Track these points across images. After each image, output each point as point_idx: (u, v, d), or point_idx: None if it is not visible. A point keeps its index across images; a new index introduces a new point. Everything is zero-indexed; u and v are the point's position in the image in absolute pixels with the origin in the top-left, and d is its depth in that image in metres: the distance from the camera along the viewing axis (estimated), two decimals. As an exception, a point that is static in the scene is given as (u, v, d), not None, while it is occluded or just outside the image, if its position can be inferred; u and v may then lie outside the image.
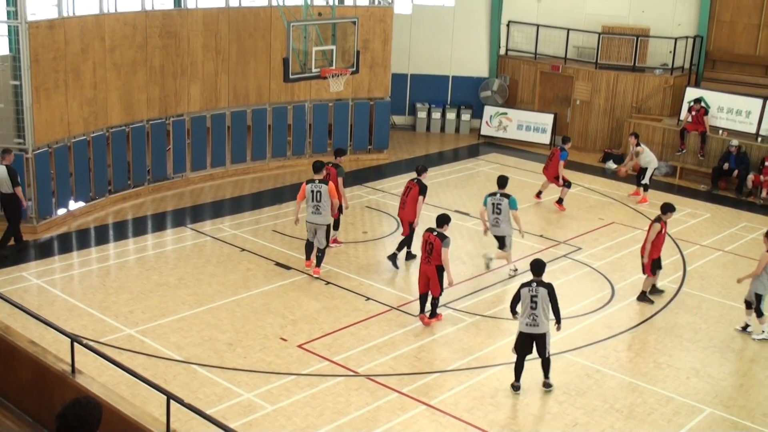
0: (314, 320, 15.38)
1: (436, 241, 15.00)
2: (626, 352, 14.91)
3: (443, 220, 15.31)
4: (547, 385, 13.49)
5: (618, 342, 15.25)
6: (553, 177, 22.20)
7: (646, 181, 22.94)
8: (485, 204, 17.89)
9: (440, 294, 15.42)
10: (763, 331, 15.43)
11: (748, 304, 15.51)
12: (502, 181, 18.01)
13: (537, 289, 13.10)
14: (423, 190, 18.02)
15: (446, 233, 15.19)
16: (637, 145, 22.98)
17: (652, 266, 16.55)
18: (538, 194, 22.80)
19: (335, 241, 18.80)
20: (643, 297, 16.76)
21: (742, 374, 14.32)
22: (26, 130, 18.61)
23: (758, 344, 15.34)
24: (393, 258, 18.02)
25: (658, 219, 16.52)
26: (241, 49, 23.52)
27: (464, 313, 15.97)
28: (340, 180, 18.47)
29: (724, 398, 13.53)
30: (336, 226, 18.79)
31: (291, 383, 13.27)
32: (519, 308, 13.29)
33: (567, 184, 22.11)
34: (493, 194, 17.85)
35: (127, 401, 9.33)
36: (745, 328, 15.66)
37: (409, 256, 18.37)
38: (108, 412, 8.54)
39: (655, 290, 17.06)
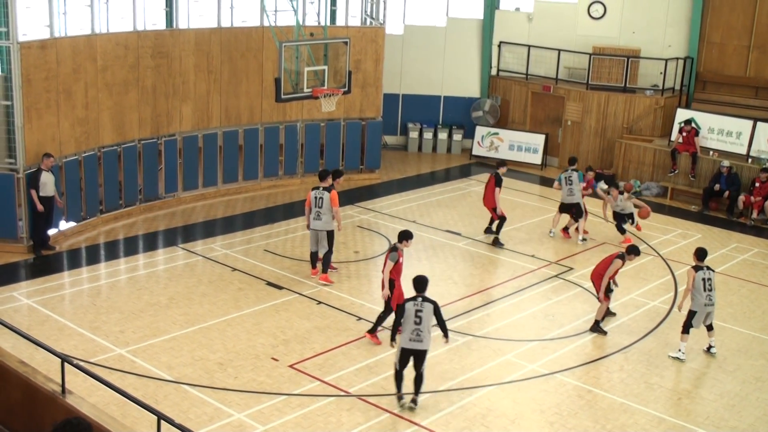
0: (306, 340, 15.34)
1: (387, 253, 15.29)
2: (618, 372, 14.89)
3: (402, 236, 15.45)
4: (414, 402, 13.22)
5: (610, 362, 15.24)
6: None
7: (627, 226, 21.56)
8: (559, 180, 21.52)
9: (386, 309, 15.27)
10: (679, 350, 15.34)
11: (709, 326, 15.47)
12: (573, 160, 22.34)
13: (423, 304, 13.00)
14: (498, 181, 20.69)
15: (404, 248, 15.39)
16: (621, 193, 21.40)
17: (606, 291, 16.43)
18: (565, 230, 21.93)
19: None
20: (596, 327, 16.35)
21: (734, 395, 14.31)
22: (17, 150, 18.58)
23: (749, 365, 15.35)
24: (496, 242, 20.87)
25: (622, 257, 16.15)
26: (233, 69, 23.57)
27: (456, 333, 15.94)
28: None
29: (715, 419, 13.52)
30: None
31: (282, 403, 13.22)
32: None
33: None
34: (564, 170, 21.66)
35: (117, 422, 9.30)
36: (709, 348, 15.62)
37: (497, 242, 20.89)
38: (98, 433, 8.51)
39: (608, 312, 16.86)
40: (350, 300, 17.24)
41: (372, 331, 15.43)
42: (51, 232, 19.45)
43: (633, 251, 16.37)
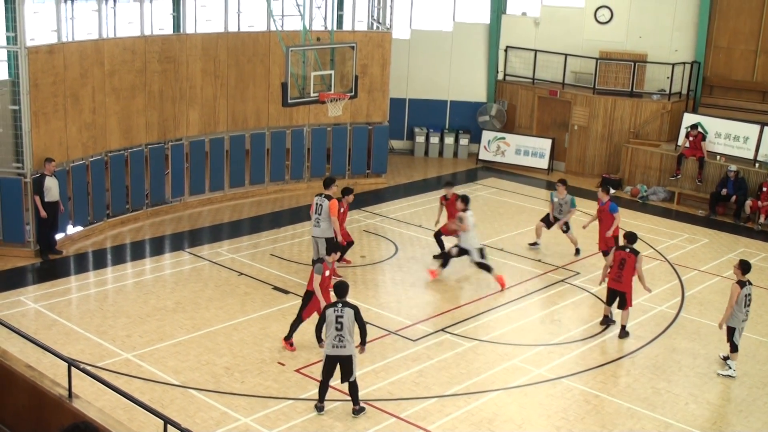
0: (312, 344, 15.25)
1: (313, 266, 14.79)
2: (625, 377, 14.87)
3: (330, 247, 15.35)
4: (356, 412, 13.08)
5: (616, 367, 15.22)
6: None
7: (470, 254, 18.53)
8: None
9: (297, 318, 15.03)
10: (730, 368, 15.05)
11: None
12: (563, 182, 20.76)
13: (343, 309, 12.87)
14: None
15: (329, 261, 14.83)
16: (465, 209, 18.53)
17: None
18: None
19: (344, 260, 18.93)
20: (624, 332, 16.30)
21: (741, 400, 14.28)
22: (25, 154, 18.63)
23: (756, 370, 15.31)
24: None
25: (635, 251, 16.02)
26: (240, 73, 23.60)
27: (462, 338, 15.94)
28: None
29: (722, 424, 13.50)
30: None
31: (288, 408, 13.23)
32: (324, 332, 13.03)
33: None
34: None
35: (124, 426, 9.32)
36: (725, 358, 15.35)
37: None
38: (105, 437, 8.53)
39: (609, 320, 16.73)
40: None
41: (288, 338, 15.18)
42: (58, 236, 19.49)
43: (634, 238, 16.26)
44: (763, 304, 18.39)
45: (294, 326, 15.14)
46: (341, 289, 13.22)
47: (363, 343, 13.16)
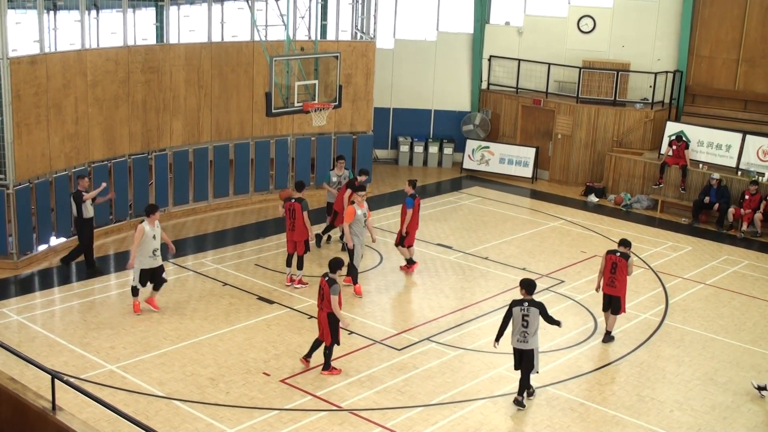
0: (297, 354, 15.29)
1: (326, 287, 14.20)
2: (610, 385, 14.90)
3: (336, 265, 14.39)
4: (516, 401, 13.86)
5: (601, 375, 15.24)
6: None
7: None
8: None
9: (332, 344, 14.49)
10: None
11: None
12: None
13: (528, 309, 13.64)
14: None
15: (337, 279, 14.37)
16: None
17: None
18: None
19: (300, 281, 18.52)
20: (609, 337, 16.44)
21: (725, 407, 14.32)
22: (7, 165, 18.53)
23: (740, 377, 15.36)
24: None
25: (627, 255, 16.11)
26: (224, 83, 23.58)
27: (448, 347, 15.94)
28: (305, 214, 18.32)
29: (707, 431, 13.52)
30: (300, 266, 18.45)
31: (274, 418, 13.19)
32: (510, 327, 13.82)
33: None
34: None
35: (108, 438, 9.25)
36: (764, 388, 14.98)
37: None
38: (89, 450, 8.48)
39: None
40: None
41: (326, 368, 14.73)
42: (41, 248, 19.43)
43: (627, 244, 16.34)
44: (747, 311, 18.47)
45: (318, 346, 14.82)
46: (529, 286, 13.81)
47: (557, 324, 14.11)
